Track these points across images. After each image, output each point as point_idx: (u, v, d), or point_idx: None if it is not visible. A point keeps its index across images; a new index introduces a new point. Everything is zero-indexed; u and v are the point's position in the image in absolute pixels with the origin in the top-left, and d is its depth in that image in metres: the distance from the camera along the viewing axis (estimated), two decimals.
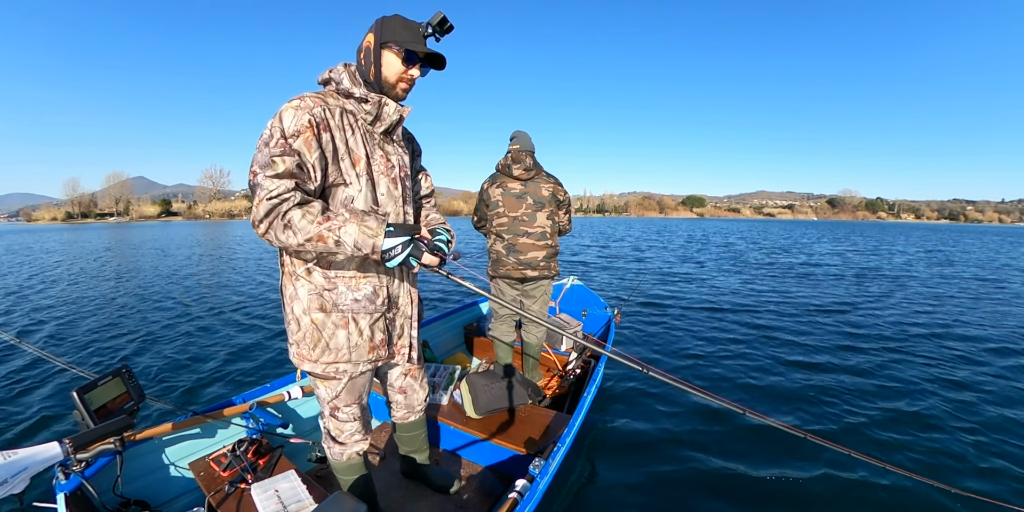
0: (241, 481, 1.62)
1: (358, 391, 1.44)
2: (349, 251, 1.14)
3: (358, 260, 1.29)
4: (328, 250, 1.15)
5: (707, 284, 8.30)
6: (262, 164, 1.11)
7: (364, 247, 1.13)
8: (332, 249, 1.14)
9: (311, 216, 1.10)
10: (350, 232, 1.11)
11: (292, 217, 1.09)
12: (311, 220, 1.10)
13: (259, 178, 1.10)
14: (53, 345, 4.35)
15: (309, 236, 1.10)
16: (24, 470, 0.97)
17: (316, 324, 1.30)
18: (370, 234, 1.12)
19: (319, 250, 1.17)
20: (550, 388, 2.90)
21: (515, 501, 1.43)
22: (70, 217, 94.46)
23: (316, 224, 1.10)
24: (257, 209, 1.10)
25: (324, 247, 1.13)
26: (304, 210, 1.10)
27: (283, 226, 1.10)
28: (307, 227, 1.10)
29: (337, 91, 1.27)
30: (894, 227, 68.61)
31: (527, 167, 2.54)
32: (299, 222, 1.09)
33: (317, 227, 1.10)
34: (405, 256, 1.16)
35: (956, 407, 3.16)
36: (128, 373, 1.51)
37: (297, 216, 1.10)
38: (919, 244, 22.16)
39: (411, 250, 1.16)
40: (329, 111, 1.19)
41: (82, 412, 1.32)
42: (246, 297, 6.57)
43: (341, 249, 1.13)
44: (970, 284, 8.88)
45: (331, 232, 1.11)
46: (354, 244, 1.12)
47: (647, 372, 1.31)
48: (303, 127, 1.13)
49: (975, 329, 5.30)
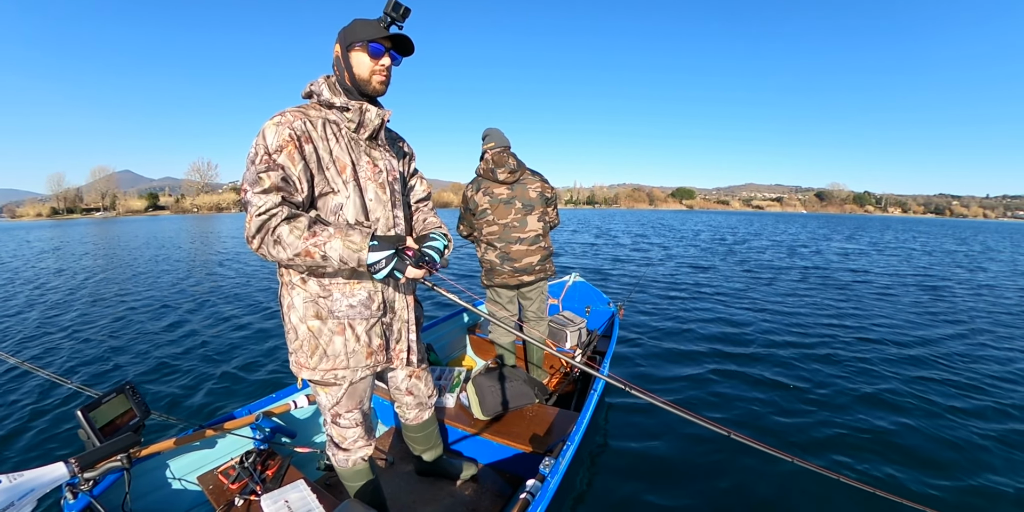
0: (251, 493, 1.62)
1: (359, 397, 1.45)
2: (336, 265, 1.15)
3: (351, 268, 1.29)
4: (317, 264, 1.17)
5: (736, 291, 8.20)
6: (250, 181, 1.14)
7: (350, 261, 1.14)
8: (320, 263, 1.15)
9: (298, 231, 1.12)
10: (335, 247, 1.12)
11: (281, 233, 1.11)
12: (298, 235, 1.11)
13: (248, 195, 1.13)
14: (51, 360, 4.34)
15: (297, 251, 1.12)
16: (31, 492, 0.96)
17: (313, 331, 1.30)
18: (354, 248, 1.13)
19: (308, 265, 1.18)
20: (555, 386, 2.90)
21: (527, 501, 1.43)
22: (55, 213, 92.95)
23: (303, 240, 1.11)
24: (249, 226, 1.12)
25: (312, 262, 1.15)
26: (292, 225, 1.12)
27: (273, 242, 1.12)
28: (294, 242, 1.11)
29: (319, 102, 1.29)
30: (915, 222, 67.58)
31: (512, 169, 2.42)
32: (287, 237, 1.11)
33: (303, 243, 1.11)
34: (390, 269, 1.16)
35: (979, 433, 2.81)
36: (132, 389, 1.51)
37: (285, 232, 1.11)
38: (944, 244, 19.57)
39: (395, 264, 1.16)
40: (311, 123, 1.21)
41: (87, 431, 1.31)
42: (247, 305, 6.56)
43: (328, 263, 1.15)
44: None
45: (317, 248, 1.12)
46: (339, 258, 1.13)
47: (644, 397, 1.29)
48: (284, 141, 1.15)
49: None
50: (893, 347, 4.44)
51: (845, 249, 15.06)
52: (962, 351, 4.37)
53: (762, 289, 7.28)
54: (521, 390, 2.27)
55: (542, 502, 1.39)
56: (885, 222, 59.70)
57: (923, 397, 3.28)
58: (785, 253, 13.07)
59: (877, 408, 3.10)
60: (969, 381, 3.59)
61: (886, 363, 3.98)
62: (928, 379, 3.62)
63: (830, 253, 13.54)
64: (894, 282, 8.37)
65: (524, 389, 2.28)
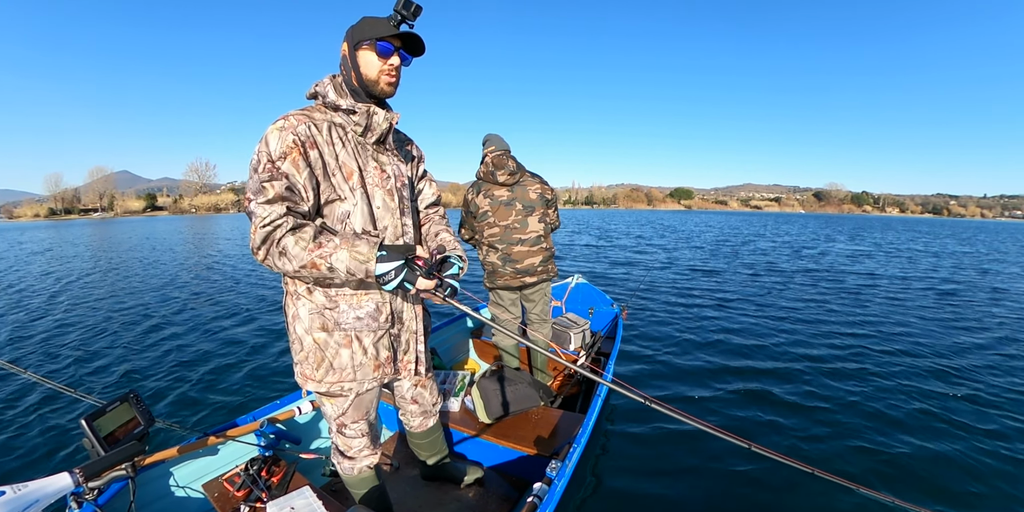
0: (256, 500, 1.61)
1: (365, 408, 1.42)
2: (343, 277, 1.12)
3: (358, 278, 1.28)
4: (323, 276, 1.13)
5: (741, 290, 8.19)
6: (254, 191, 1.10)
7: (357, 272, 1.10)
8: (327, 275, 1.12)
9: (304, 242, 1.08)
10: (341, 259, 1.09)
11: (286, 244, 1.08)
12: (303, 247, 1.08)
13: (252, 205, 1.10)
14: (50, 367, 4.34)
15: (303, 263, 1.09)
16: (36, 503, 0.96)
17: (319, 344, 1.27)
18: (361, 259, 1.09)
19: (315, 276, 1.15)
20: (560, 388, 2.88)
21: (534, 505, 1.42)
22: (53, 213, 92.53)
23: (308, 252, 1.08)
24: (253, 237, 1.09)
25: (319, 273, 1.11)
26: (297, 237, 1.08)
27: (279, 253, 1.09)
28: (300, 254, 1.08)
29: (324, 104, 1.25)
30: (929, 222, 65.99)
31: (511, 171, 2.45)
32: (292, 249, 1.08)
33: (309, 255, 1.08)
34: (399, 281, 1.12)
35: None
36: (136, 398, 1.50)
37: (291, 243, 1.08)
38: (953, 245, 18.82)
39: (405, 275, 1.12)
40: (316, 127, 1.17)
41: (92, 440, 1.30)
42: (248, 310, 6.55)
43: (335, 275, 1.11)
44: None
45: (323, 259, 1.08)
46: (346, 270, 1.10)
47: (649, 403, 1.24)
48: (288, 148, 1.11)
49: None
50: (923, 359, 4.13)
51: (851, 251, 14.67)
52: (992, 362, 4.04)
53: (770, 293, 7.25)
54: (526, 393, 2.26)
55: (549, 505, 1.38)
56: (885, 222, 58.68)
57: (952, 417, 3.02)
58: (788, 254, 13.01)
59: (900, 427, 2.88)
60: (995, 398, 3.31)
61: (907, 376, 3.72)
62: (951, 396, 3.35)
63: (837, 255, 13.22)
64: (906, 287, 8.02)
65: (528, 392, 2.27)
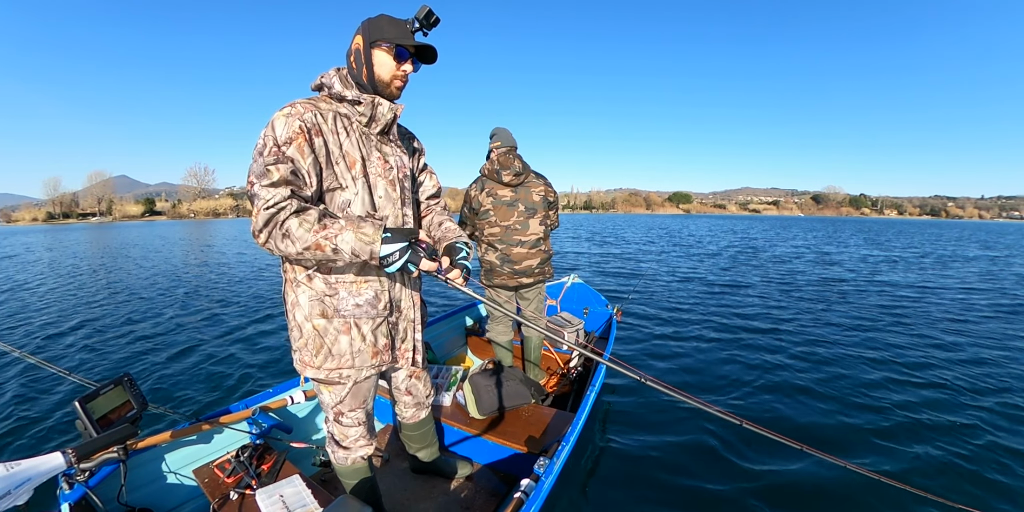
0: (246, 487, 1.62)
1: (363, 396, 1.44)
2: (347, 258, 1.13)
3: (359, 265, 1.28)
4: (327, 258, 1.14)
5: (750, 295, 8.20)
6: (258, 174, 1.11)
7: (362, 254, 1.11)
8: (331, 257, 1.13)
9: (308, 224, 1.09)
10: (347, 240, 1.10)
11: (290, 226, 1.08)
12: (308, 228, 1.09)
13: (256, 188, 1.10)
14: (49, 353, 4.34)
15: (307, 245, 1.09)
16: (28, 481, 0.96)
17: (318, 330, 1.29)
18: (367, 241, 1.10)
19: (318, 258, 1.16)
20: (552, 387, 2.90)
21: (520, 501, 1.43)
22: (51, 217, 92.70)
23: (313, 233, 1.09)
24: (256, 219, 1.09)
25: (322, 255, 1.12)
26: (301, 218, 1.09)
27: (282, 235, 1.09)
28: (304, 236, 1.09)
29: (330, 95, 1.27)
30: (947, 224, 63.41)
31: (517, 172, 2.42)
32: (296, 231, 1.08)
33: (314, 236, 1.09)
34: (403, 262, 1.14)
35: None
36: (130, 381, 1.51)
37: (295, 225, 1.08)
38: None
39: (409, 256, 1.14)
40: (321, 115, 1.19)
41: (84, 422, 1.31)
42: (246, 300, 6.56)
43: (339, 256, 1.12)
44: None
45: (328, 240, 1.09)
46: (351, 251, 1.11)
47: (644, 381, 1.28)
48: (295, 133, 1.12)
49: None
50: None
51: (868, 256, 13.59)
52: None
53: (777, 297, 7.27)
54: (517, 390, 2.27)
55: (536, 502, 1.39)
56: (888, 225, 57.86)
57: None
58: (792, 256, 12.98)
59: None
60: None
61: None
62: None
63: (855, 261, 11.97)
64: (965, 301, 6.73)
65: (520, 389, 2.28)
